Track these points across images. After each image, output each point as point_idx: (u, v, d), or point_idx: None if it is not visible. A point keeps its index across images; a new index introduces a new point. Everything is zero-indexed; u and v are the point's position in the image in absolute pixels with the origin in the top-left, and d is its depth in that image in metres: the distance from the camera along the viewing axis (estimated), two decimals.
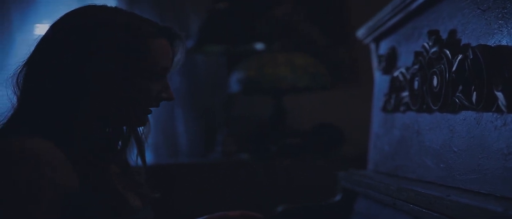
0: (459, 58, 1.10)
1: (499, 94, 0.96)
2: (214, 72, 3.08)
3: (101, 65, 1.05)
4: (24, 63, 1.10)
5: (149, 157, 2.51)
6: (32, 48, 1.10)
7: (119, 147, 1.17)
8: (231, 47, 2.90)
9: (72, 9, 1.13)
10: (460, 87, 1.10)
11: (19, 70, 1.09)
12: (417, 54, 1.35)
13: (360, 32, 1.82)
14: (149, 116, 1.21)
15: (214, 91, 3.06)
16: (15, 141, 1.00)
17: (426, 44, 1.27)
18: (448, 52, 1.16)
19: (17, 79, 1.09)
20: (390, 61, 1.60)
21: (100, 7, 1.13)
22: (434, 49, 1.23)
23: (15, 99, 1.09)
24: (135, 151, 1.20)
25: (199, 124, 3.05)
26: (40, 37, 1.11)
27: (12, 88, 1.09)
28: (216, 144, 2.87)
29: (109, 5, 1.15)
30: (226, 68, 2.92)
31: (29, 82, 1.08)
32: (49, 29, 1.11)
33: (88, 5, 1.13)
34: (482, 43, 1.06)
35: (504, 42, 1.00)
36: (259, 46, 2.95)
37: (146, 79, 1.10)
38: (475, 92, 1.04)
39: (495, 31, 1.03)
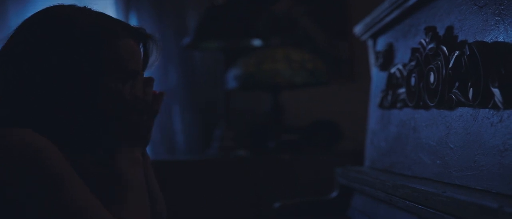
0: (455, 54, 1.10)
1: (496, 91, 0.96)
2: (212, 68, 3.08)
3: (65, 64, 1.05)
4: None
5: None
6: (0, 46, 1.11)
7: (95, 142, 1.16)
8: (229, 43, 2.90)
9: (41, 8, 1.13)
10: (457, 84, 1.10)
11: None
12: (414, 50, 1.35)
13: (357, 29, 1.82)
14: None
15: (212, 87, 3.06)
16: (5, 133, 0.99)
17: (423, 41, 1.27)
18: (445, 48, 1.16)
19: None
20: (387, 58, 1.60)
21: (69, 6, 1.13)
22: (431, 46, 1.23)
23: None
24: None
25: (197, 120, 3.05)
26: (8, 35, 1.12)
27: None
28: (214, 140, 2.86)
29: (79, 5, 1.15)
30: (223, 64, 2.92)
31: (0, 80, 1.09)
32: (17, 27, 1.12)
33: (56, 5, 1.14)
34: (479, 40, 1.06)
35: (501, 39, 1.00)
36: (257, 42, 2.95)
37: (112, 79, 1.10)
38: (471, 89, 1.04)
39: (492, 27, 1.03)
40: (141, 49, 1.18)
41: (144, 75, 1.19)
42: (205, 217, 2.51)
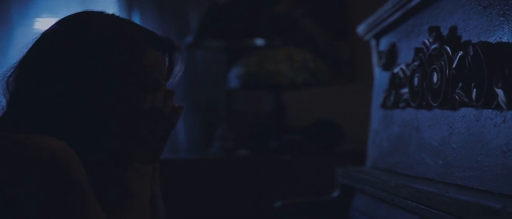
0: (459, 55, 1.09)
1: (499, 91, 0.96)
2: (214, 67, 3.07)
3: (80, 68, 1.04)
4: (17, 65, 1.09)
5: None
6: (26, 50, 1.10)
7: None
8: (231, 43, 2.90)
9: (71, 13, 1.13)
10: (460, 84, 1.10)
11: (10, 72, 1.09)
12: (417, 50, 1.35)
13: (360, 29, 1.82)
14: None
15: (213, 87, 3.06)
16: (26, 139, 0.97)
17: (426, 41, 1.27)
18: (448, 48, 1.16)
19: (7, 80, 1.09)
20: (390, 58, 1.60)
21: (97, 13, 1.12)
22: (434, 46, 1.22)
23: (4, 101, 1.09)
24: None
25: (198, 119, 3.05)
26: (34, 40, 1.11)
27: (2, 89, 1.09)
28: (215, 140, 2.86)
29: (108, 11, 1.14)
30: (225, 64, 2.92)
31: (20, 84, 1.08)
32: (43, 33, 1.11)
33: (86, 11, 1.13)
34: (483, 40, 1.05)
35: (505, 39, 1.00)
36: (259, 42, 2.94)
37: (129, 86, 1.08)
38: (475, 89, 1.03)
39: (496, 28, 1.03)
40: (166, 59, 1.17)
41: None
42: (206, 216, 2.51)
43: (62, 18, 1.12)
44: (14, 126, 1.03)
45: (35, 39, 1.11)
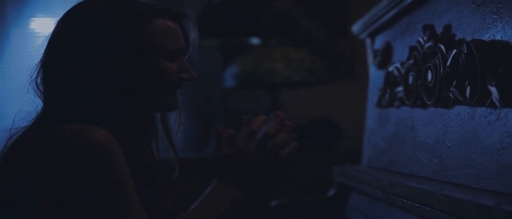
0: (453, 53, 1.10)
1: (493, 89, 0.96)
2: (210, 66, 3.07)
3: (109, 54, 1.05)
4: (39, 65, 1.11)
5: None
6: (44, 47, 1.11)
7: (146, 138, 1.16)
8: (227, 42, 2.90)
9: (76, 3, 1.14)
10: (454, 82, 1.10)
11: (36, 73, 1.11)
12: (412, 49, 1.35)
13: (356, 27, 1.82)
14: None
15: (209, 85, 3.06)
16: (70, 129, 0.98)
17: (420, 39, 1.27)
18: (442, 47, 1.16)
19: (36, 80, 1.10)
20: (385, 56, 1.60)
21: None
22: (428, 44, 1.22)
23: (39, 101, 1.11)
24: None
25: (195, 118, 3.05)
26: (49, 36, 1.12)
27: (34, 90, 1.10)
28: (211, 138, 2.86)
29: None
30: (221, 62, 2.92)
31: (49, 82, 1.09)
32: (56, 25, 1.12)
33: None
34: (477, 38, 1.06)
35: (498, 37, 1.00)
36: (255, 40, 2.94)
37: (159, 60, 1.11)
38: (469, 87, 1.03)
39: (490, 26, 1.03)
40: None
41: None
42: None
43: (72, 8, 1.13)
44: (45, 122, 1.04)
45: (51, 34, 1.12)
